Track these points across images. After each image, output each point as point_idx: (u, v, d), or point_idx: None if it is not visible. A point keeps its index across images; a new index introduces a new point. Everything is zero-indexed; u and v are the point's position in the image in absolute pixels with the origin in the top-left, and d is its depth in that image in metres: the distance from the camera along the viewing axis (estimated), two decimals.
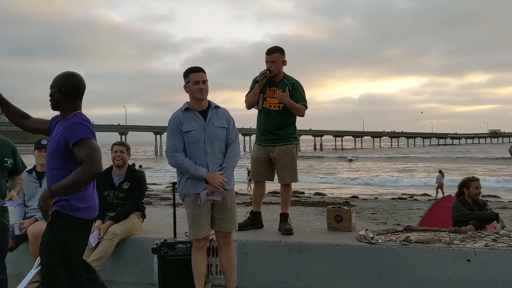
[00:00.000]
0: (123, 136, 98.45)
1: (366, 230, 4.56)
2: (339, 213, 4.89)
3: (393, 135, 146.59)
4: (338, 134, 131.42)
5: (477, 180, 5.89)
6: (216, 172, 3.85)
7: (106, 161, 5.21)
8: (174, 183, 5.25)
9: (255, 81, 4.74)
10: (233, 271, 4.13)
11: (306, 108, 4.77)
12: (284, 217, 4.87)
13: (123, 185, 4.95)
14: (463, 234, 4.52)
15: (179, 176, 3.98)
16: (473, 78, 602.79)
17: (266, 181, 5.04)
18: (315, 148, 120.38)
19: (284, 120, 4.78)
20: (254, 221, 4.98)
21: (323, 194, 24.51)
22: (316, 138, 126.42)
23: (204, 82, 3.90)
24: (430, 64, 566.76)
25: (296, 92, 4.75)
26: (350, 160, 61.62)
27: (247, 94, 4.86)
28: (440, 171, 24.88)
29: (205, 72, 3.97)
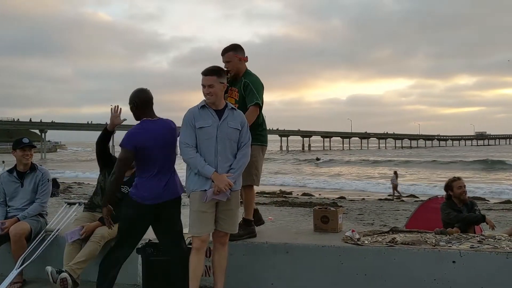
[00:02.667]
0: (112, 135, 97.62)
1: (353, 231, 4.55)
2: (325, 214, 4.87)
3: (381, 136, 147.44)
4: (326, 135, 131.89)
5: (459, 179, 5.91)
6: (224, 173, 3.83)
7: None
8: None
9: None
10: (223, 272, 4.09)
11: (259, 106, 4.49)
12: (242, 222, 4.61)
13: (122, 189, 4.82)
14: (449, 235, 4.52)
15: (188, 171, 3.96)
16: (460, 80, 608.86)
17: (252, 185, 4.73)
18: (303, 149, 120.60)
19: None
20: (249, 229, 4.71)
21: (311, 195, 24.59)
22: (304, 138, 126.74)
23: (211, 86, 3.86)
24: (417, 66, 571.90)
25: (247, 91, 4.50)
26: (318, 159, 61.64)
27: None
28: (395, 172, 25.64)
29: (217, 75, 3.90)
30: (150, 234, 4.84)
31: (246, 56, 4.66)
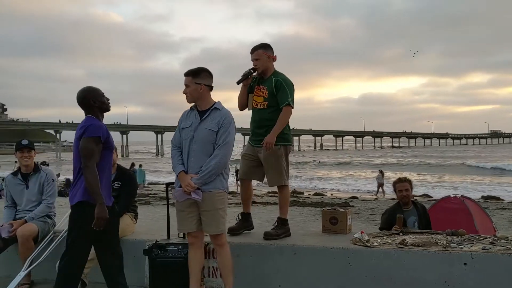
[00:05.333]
0: (124, 136, 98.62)
1: (362, 232, 4.47)
2: (334, 215, 4.81)
3: (394, 135, 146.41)
4: (338, 134, 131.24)
5: (403, 181, 5.46)
6: (189, 174, 3.89)
7: None
8: (168, 183, 5.21)
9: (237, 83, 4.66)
10: (229, 273, 4.05)
11: (291, 106, 4.54)
12: (278, 221, 4.72)
13: (114, 185, 4.86)
14: (460, 236, 4.43)
15: None
16: (473, 78, 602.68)
17: (253, 181, 4.87)
18: (315, 148, 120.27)
19: (269, 120, 4.57)
20: (246, 223, 4.84)
21: (323, 195, 24.50)
22: (316, 138, 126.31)
23: (187, 86, 3.97)
24: (429, 64, 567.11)
25: (280, 90, 4.52)
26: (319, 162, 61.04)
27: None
28: (381, 171, 26.52)
29: (192, 75, 3.96)
30: (156, 235, 4.84)
31: (275, 55, 4.66)
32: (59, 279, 3.71)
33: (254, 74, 4.63)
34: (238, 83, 4.65)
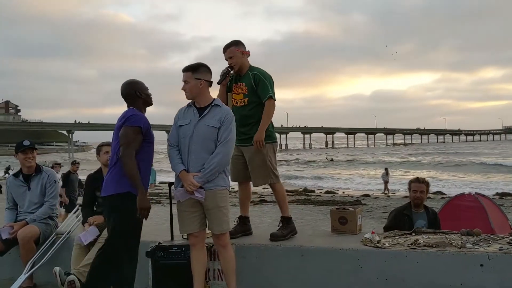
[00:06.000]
0: None
1: (372, 232, 4.31)
2: (343, 214, 4.64)
3: (407, 132, 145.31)
4: (350, 132, 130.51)
5: (420, 182, 5.16)
6: (191, 172, 3.75)
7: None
8: (170, 183, 5.08)
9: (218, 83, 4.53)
10: (231, 275, 3.93)
11: (273, 99, 4.42)
12: (282, 221, 4.58)
13: None
14: (476, 236, 4.24)
15: None
16: (487, 73, 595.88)
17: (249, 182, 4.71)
18: (326, 146, 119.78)
19: (252, 116, 4.44)
20: (243, 227, 4.66)
21: (334, 193, 24.28)
22: (327, 135, 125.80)
23: (186, 82, 3.85)
24: (442, 59, 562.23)
25: (260, 84, 4.40)
26: (332, 160, 60.55)
27: None
28: (386, 169, 27.14)
29: (192, 70, 3.86)
30: (159, 237, 4.71)
31: (248, 51, 4.56)
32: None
33: (231, 72, 4.50)
34: (218, 83, 4.50)
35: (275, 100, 4.44)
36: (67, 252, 4.68)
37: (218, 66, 4.17)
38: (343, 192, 25.27)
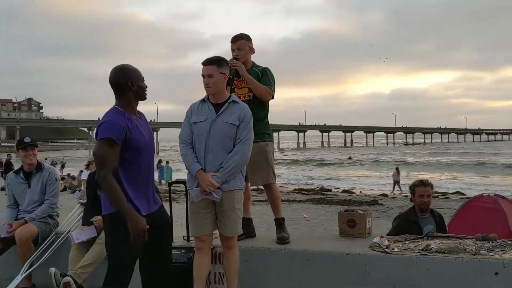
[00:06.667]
0: (155, 133, 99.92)
1: (381, 237, 4.09)
2: (351, 217, 4.42)
3: (427, 131, 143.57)
4: (369, 130, 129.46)
5: (426, 185, 4.86)
6: (210, 172, 3.54)
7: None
8: (170, 183, 4.96)
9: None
10: (234, 278, 3.77)
11: (273, 92, 4.29)
12: (278, 223, 4.40)
13: None
14: (492, 242, 3.99)
15: None
16: (509, 72, 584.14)
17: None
18: (345, 145, 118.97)
19: (256, 112, 4.16)
20: (247, 229, 4.43)
21: (351, 192, 23.97)
22: (346, 134, 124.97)
23: (210, 76, 3.59)
24: (462, 58, 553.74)
25: (264, 77, 4.29)
26: (350, 158, 59.95)
27: None
28: (397, 168, 27.15)
29: (217, 64, 3.62)
30: None
31: (254, 48, 4.42)
32: None
33: (235, 64, 4.25)
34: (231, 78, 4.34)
35: (272, 96, 4.31)
36: (67, 252, 4.57)
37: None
38: (360, 192, 24.93)
